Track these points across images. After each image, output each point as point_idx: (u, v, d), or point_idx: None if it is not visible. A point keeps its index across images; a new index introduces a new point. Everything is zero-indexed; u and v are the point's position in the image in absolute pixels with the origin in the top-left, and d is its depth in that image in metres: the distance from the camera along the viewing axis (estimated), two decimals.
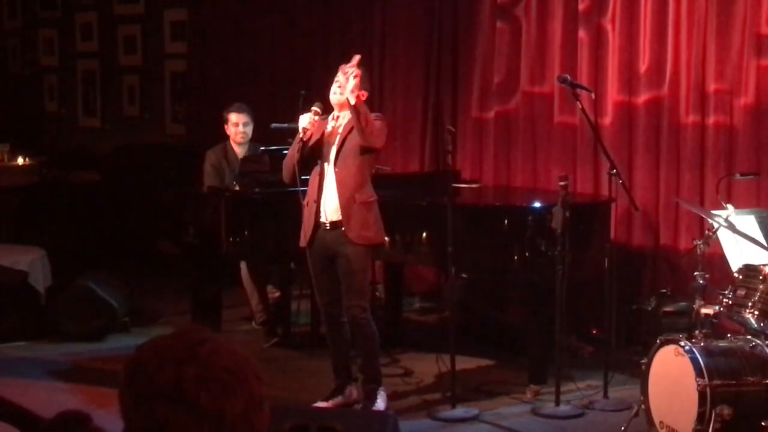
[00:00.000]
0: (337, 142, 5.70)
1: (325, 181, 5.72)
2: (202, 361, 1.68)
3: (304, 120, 5.69)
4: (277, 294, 7.63)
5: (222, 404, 1.66)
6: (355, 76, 5.55)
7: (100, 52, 11.56)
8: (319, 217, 5.73)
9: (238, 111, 7.51)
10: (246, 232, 6.92)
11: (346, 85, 5.55)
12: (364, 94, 5.65)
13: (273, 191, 6.90)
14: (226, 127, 7.54)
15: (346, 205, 5.67)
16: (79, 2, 11.68)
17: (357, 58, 5.70)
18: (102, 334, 7.44)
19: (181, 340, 1.72)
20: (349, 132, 5.66)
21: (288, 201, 6.36)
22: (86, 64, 11.73)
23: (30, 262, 7.68)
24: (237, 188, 7.13)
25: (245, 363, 1.73)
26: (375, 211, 5.78)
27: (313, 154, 5.75)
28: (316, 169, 5.76)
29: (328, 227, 5.72)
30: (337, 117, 5.76)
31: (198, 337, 1.72)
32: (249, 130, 7.50)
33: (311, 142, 5.72)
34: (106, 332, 7.47)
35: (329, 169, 5.71)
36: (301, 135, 5.69)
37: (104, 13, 11.40)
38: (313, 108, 5.74)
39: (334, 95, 5.70)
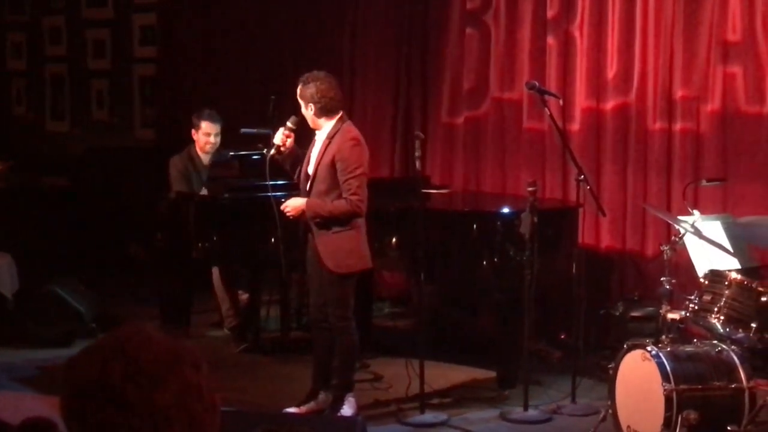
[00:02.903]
0: (312, 166, 5.66)
1: (305, 195, 5.72)
2: (129, 355, 1.67)
3: (278, 137, 5.67)
4: (245, 296, 7.61)
5: (149, 395, 1.65)
6: (289, 212, 5.61)
7: (68, 56, 11.49)
8: (307, 231, 5.73)
9: (212, 121, 7.40)
10: (215, 237, 6.90)
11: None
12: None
13: (242, 196, 6.89)
14: (194, 132, 7.45)
15: (319, 236, 5.63)
16: (47, 6, 11.61)
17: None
18: (69, 340, 7.39)
19: (111, 338, 1.72)
20: (320, 160, 5.62)
21: (257, 206, 6.36)
22: (55, 68, 11.65)
23: None
24: (206, 193, 7.11)
25: (178, 353, 1.71)
26: (354, 238, 5.68)
27: (295, 165, 5.74)
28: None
29: (312, 236, 5.73)
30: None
31: (128, 333, 1.72)
32: (218, 140, 7.43)
33: (282, 157, 5.71)
34: (73, 338, 7.41)
35: (307, 185, 5.70)
36: (272, 151, 5.67)
37: (73, 17, 11.33)
38: (288, 124, 5.70)
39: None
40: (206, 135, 7.39)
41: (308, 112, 5.66)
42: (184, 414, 1.68)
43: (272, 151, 5.69)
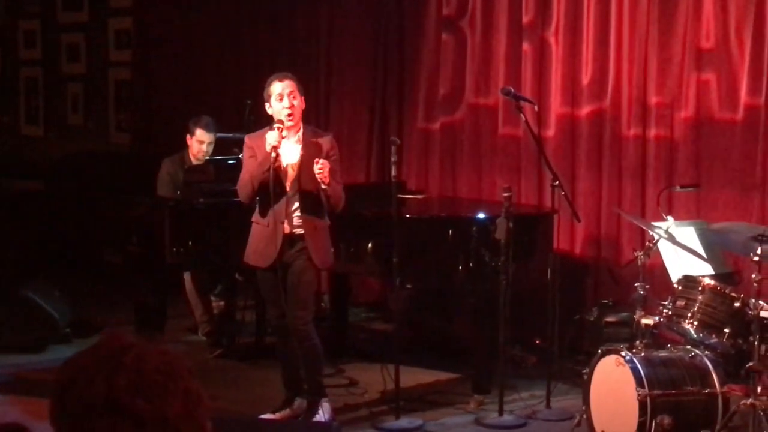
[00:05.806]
0: (297, 166, 5.67)
1: (287, 198, 5.69)
2: (131, 368, 1.63)
3: (273, 138, 5.57)
4: (221, 303, 7.59)
5: (161, 407, 1.62)
6: (321, 167, 5.50)
7: (43, 60, 11.45)
8: (285, 235, 5.69)
9: (207, 130, 7.34)
10: (190, 243, 6.87)
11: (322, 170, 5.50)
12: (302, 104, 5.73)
13: (217, 201, 6.87)
14: (188, 137, 7.38)
15: (309, 232, 5.67)
16: (22, 9, 11.56)
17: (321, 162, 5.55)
18: (43, 345, 7.35)
19: (104, 351, 1.66)
20: (310, 159, 5.61)
21: (233, 211, 6.34)
22: (29, 71, 11.60)
23: None
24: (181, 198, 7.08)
25: (175, 360, 1.68)
26: (330, 236, 5.81)
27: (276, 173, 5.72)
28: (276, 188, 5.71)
29: (284, 241, 5.71)
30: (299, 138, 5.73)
31: (120, 345, 1.67)
32: (211, 149, 7.38)
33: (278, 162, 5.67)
34: (47, 343, 7.37)
35: (290, 187, 5.69)
36: (273, 155, 5.57)
37: (48, 21, 11.28)
38: (277, 126, 5.65)
39: (289, 119, 5.63)
40: (199, 143, 7.35)
41: (301, 104, 5.69)
42: (193, 422, 1.66)
43: (273, 155, 5.60)
